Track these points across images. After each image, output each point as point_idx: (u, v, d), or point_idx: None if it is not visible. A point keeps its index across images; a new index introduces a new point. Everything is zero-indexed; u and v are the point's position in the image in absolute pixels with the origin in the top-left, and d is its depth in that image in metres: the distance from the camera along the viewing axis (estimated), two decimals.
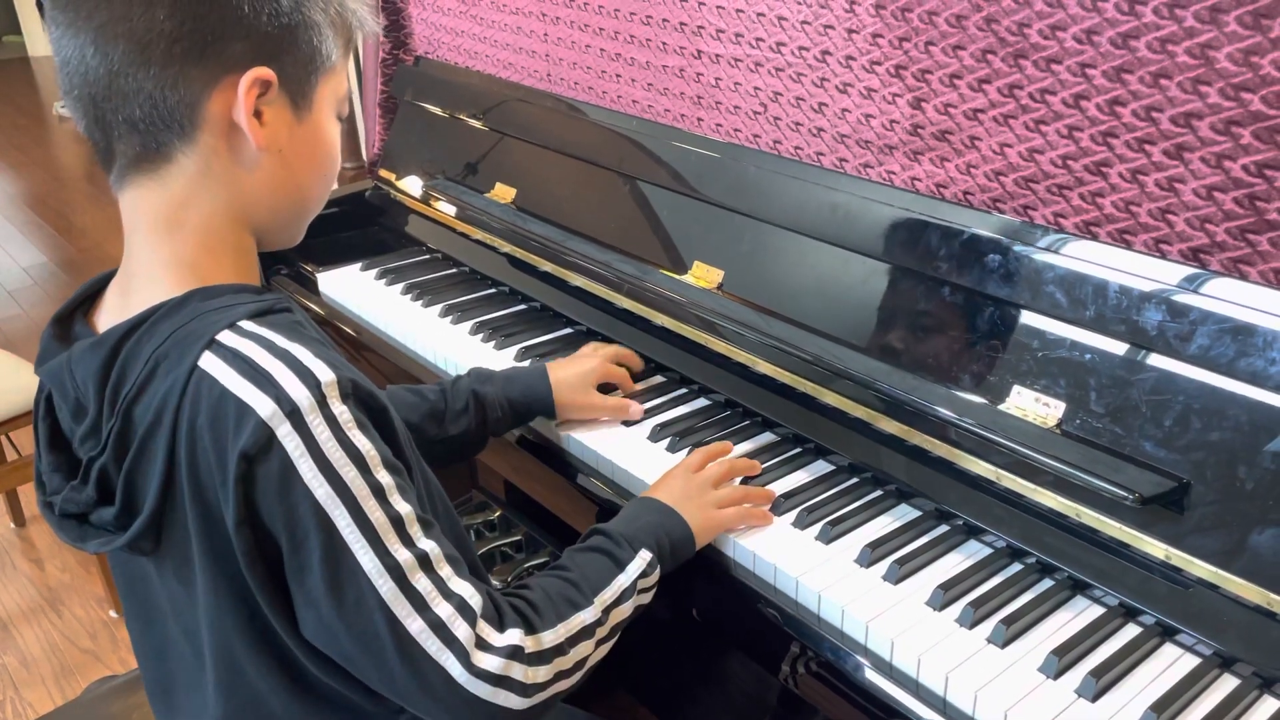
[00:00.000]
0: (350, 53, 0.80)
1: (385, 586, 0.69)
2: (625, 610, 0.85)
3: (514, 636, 0.74)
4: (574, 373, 1.15)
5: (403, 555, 0.71)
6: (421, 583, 0.71)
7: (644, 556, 0.88)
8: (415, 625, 0.70)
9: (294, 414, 0.67)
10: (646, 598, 0.88)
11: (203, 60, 0.70)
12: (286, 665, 0.75)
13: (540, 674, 0.76)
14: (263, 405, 0.67)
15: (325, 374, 0.69)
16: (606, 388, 1.19)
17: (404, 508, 0.72)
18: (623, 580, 0.85)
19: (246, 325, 0.71)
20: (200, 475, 0.69)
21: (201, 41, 0.69)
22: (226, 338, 0.70)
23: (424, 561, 0.72)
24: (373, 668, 0.72)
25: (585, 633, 0.80)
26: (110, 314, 0.77)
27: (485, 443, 1.12)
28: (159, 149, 0.72)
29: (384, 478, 0.71)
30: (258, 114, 0.72)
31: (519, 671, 0.74)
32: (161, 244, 0.74)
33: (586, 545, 0.89)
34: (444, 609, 0.71)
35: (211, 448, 0.68)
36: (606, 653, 0.84)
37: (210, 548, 0.71)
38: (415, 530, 0.72)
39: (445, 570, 0.73)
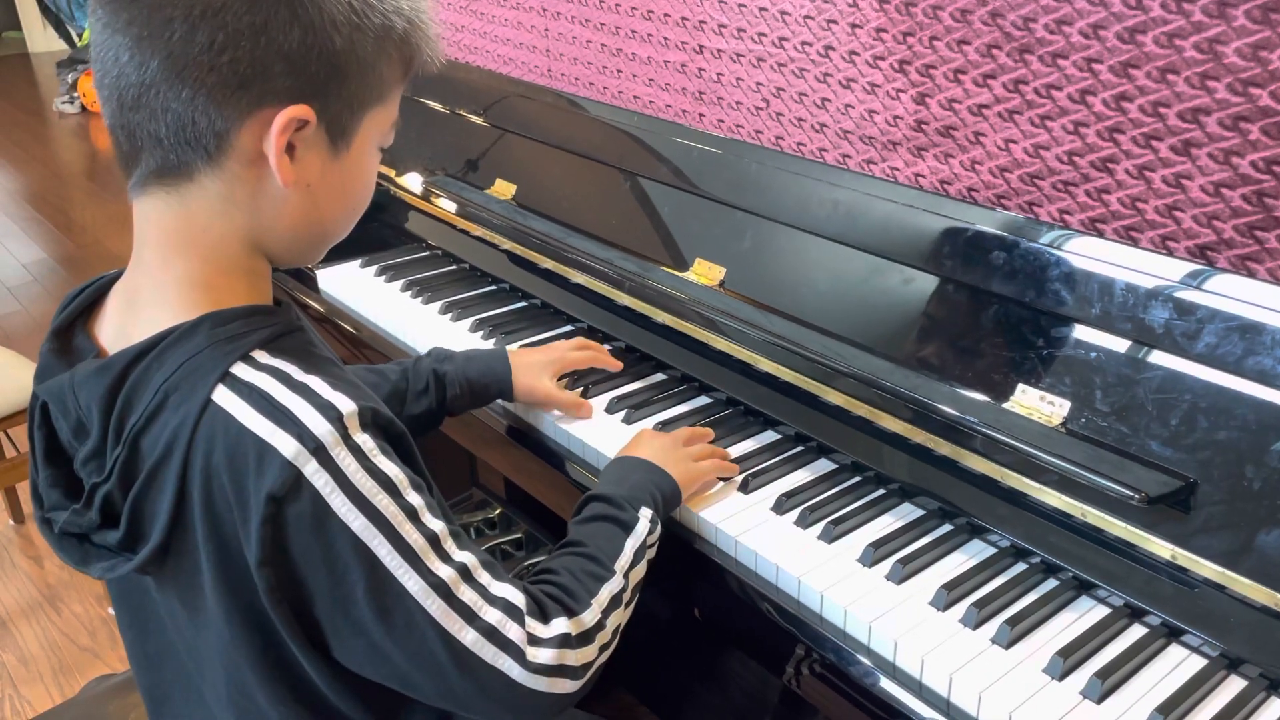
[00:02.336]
0: (408, 80, 0.75)
1: (434, 605, 0.69)
2: (640, 570, 0.88)
3: (560, 625, 0.76)
4: (535, 360, 1.17)
5: (445, 571, 0.70)
6: (466, 594, 0.71)
7: (645, 514, 0.91)
8: (469, 636, 0.71)
9: (319, 450, 0.66)
10: (653, 552, 0.92)
11: (240, 91, 0.65)
12: (300, 696, 0.74)
13: (589, 653, 0.78)
14: (285, 445, 0.65)
15: (346, 405, 0.68)
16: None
17: (437, 525, 0.71)
18: (632, 543, 0.88)
19: (260, 357, 0.69)
20: (217, 512, 0.68)
21: (241, 73, 0.65)
22: (241, 371, 0.68)
23: (465, 573, 0.72)
24: (429, 684, 0.72)
25: (615, 601, 0.83)
26: (113, 325, 0.75)
27: (441, 421, 1.13)
28: (181, 167, 0.69)
29: (414, 499, 0.70)
30: (290, 148, 0.68)
31: (571, 657, 0.76)
32: (172, 261, 0.71)
33: (588, 515, 0.91)
34: (493, 615, 0.72)
35: (230, 486, 0.66)
36: (630, 613, 0.87)
37: (225, 580, 0.69)
38: (450, 545, 0.72)
39: (485, 577, 0.73)
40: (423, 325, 1.38)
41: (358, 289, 1.50)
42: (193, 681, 0.79)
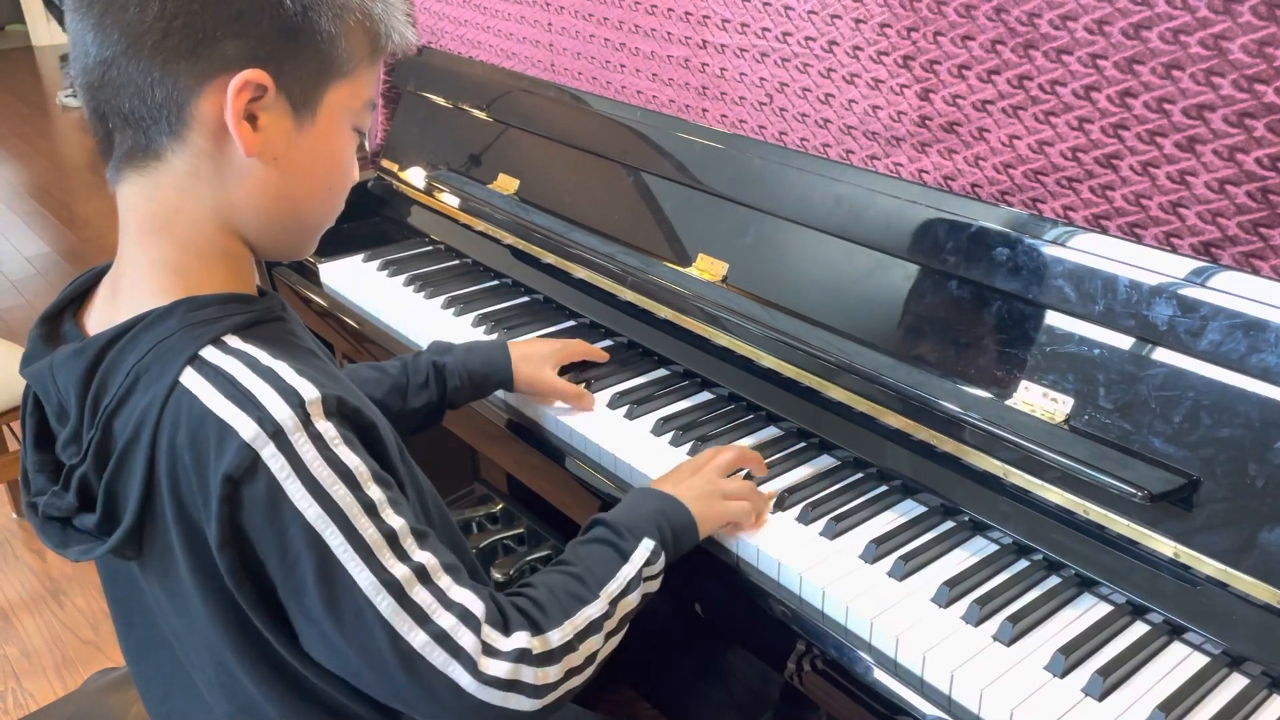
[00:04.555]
0: (378, 60, 0.76)
1: (384, 603, 0.68)
2: (633, 600, 0.84)
3: (520, 640, 0.74)
4: (536, 351, 1.17)
5: (399, 570, 0.69)
6: (420, 595, 0.70)
7: (646, 545, 0.86)
8: (418, 639, 0.69)
9: (278, 434, 0.66)
10: (654, 585, 0.88)
11: (193, 58, 0.66)
12: (282, 674, 0.75)
13: (551, 674, 0.75)
14: (245, 426, 0.65)
15: (309, 391, 0.68)
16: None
17: (397, 522, 0.70)
18: (627, 571, 0.84)
19: (231, 341, 0.69)
20: (182, 493, 0.68)
21: (193, 38, 0.66)
22: (210, 354, 0.68)
23: (421, 574, 0.71)
24: (378, 682, 0.71)
25: (593, 627, 0.80)
26: (99, 314, 0.76)
27: (443, 414, 1.13)
28: (149, 145, 0.70)
29: (375, 493, 0.70)
30: (252, 118, 0.69)
31: (528, 674, 0.73)
32: (150, 246, 0.72)
33: (588, 537, 0.88)
34: (446, 619, 0.71)
35: (192, 467, 0.67)
36: (616, 645, 0.83)
37: (197, 563, 0.70)
38: (410, 544, 0.71)
39: (444, 580, 0.72)
40: (425, 320, 1.38)
41: (360, 283, 1.50)
42: (182, 668, 0.80)
